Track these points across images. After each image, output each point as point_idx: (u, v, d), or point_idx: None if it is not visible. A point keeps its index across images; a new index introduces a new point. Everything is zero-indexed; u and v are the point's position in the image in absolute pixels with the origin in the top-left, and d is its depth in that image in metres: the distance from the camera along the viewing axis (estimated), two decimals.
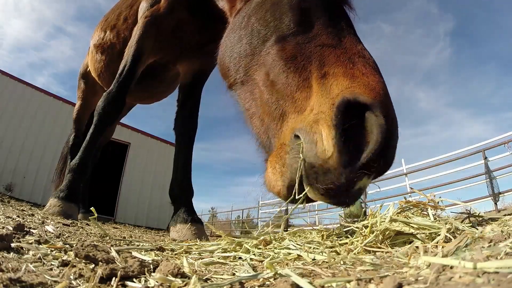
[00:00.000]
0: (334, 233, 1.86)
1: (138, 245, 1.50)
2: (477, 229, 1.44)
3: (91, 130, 3.07)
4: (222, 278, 0.84)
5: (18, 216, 1.88)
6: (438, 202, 1.72)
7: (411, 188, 11.04)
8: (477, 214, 1.80)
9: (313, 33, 1.54)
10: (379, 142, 1.07)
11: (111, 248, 1.05)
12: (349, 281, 0.67)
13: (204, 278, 0.83)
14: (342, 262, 1.00)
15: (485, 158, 9.68)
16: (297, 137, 1.26)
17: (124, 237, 2.01)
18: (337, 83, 1.28)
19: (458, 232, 1.32)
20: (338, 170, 1.11)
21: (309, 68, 1.42)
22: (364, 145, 1.10)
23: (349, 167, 1.09)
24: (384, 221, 1.44)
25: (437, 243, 1.19)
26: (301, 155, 1.20)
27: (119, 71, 3.09)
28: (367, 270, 0.86)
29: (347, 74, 1.29)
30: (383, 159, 1.13)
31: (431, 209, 1.66)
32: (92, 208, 1.83)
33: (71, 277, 0.71)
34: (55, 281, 0.67)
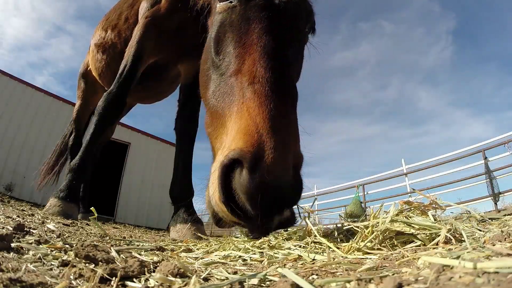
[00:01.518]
0: (334, 233, 1.86)
1: (138, 245, 1.50)
2: (477, 229, 1.44)
3: (91, 130, 3.07)
4: (222, 278, 0.84)
5: (18, 216, 1.88)
6: (438, 203, 1.72)
7: (412, 189, 11.04)
8: (477, 214, 1.80)
9: (227, 62, 1.56)
10: (245, 200, 1.13)
11: (111, 248, 1.05)
12: (349, 281, 0.67)
13: (204, 278, 0.83)
14: (342, 262, 1.00)
15: (485, 158, 9.68)
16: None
17: (124, 237, 2.01)
18: (230, 126, 1.33)
19: (458, 232, 1.32)
20: (229, 220, 1.25)
21: (222, 105, 1.47)
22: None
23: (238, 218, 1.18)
24: (385, 221, 1.44)
25: (437, 243, 1.19)
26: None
27: (119, 71, 3.09)
28: (367, 270, 0.86)
29: (238, 114, 1.31)
30: (268, 210, 1.15)
31: (431, 210, 1.66)
32: (92, 208, 1.83)
33: (71, 277, 0.71)
34: (55, 281, 0.67)
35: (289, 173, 1.18)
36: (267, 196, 1.12)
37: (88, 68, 5.07)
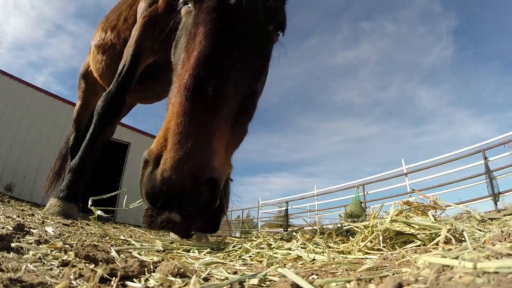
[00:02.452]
0: (334, 233, 1.85)
1: (138, 245, 1.50)
2: (477, 229, 1.44)
3: (90, 130, 3.07)
4: (222, 278, 0.84)
5: (18, 216, 1.88)
6: (438, 203, 1.72)
7: (412, 189, 11.04)
8: (477, 214, 1.80)
9: (176, 67, 1.58)
10: (146, 197, 1.24)
11: (111, 248, 1.05)
12: (349, 281, 0.66)
13: (204, 278, 0.83)
14: (342, 262, 1.00)
15: (485, 158, 9.67)
16: None
17: (124, 237, 2.01)
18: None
19: (458, 232, 1.32)
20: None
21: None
22: None
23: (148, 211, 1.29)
24: (385, 221, 1.44)
25: (437, 243, 1.19)
26: None
27: (118, 71, 3.09)
28: (367, 270, 0.86)
29: (164, 122, 1.34)
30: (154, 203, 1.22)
31: (431, 210, 1.66)
32: (92, 208, 1.82)
33: (71, 277, 0.71)
34: (55, 281, 0.67)
35: (184, 178, 1.19)
36: (156, 192, 1.20)
37: (89, 69, 5.07)
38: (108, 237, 1.68)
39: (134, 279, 0.74)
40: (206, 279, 0.83)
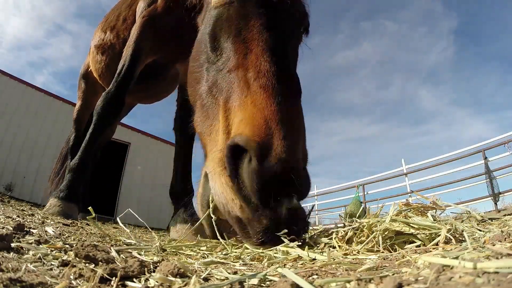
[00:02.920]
0: (334, 233, 1.85)
1: (138, 245, 1.50)
2: (477, 229, 1.44)
3: (90, 130, 3.07)
4: (222, 278, 0.84)
5: (18, 216, 1.88)
6: (438, 204, 1.72)
7: (411, 191, 11.03)
8: (477, 214, 1.80)
9: (225, 57, 1.55)
10: (257, 192, 1.09)
11: (111, 248, 1.05)
12: (349, 281, 0.67)
13: (204, 278, 0.83)
14: (342, 262, 1.00)
15: (485, 158, 9.68)
16: (206, 176, 1.36)
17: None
18: (231, 120, 1.31)
19: (458, 232, 1.32)
20: (252, 218, 1.17)
21: (219, 101, 1.46)
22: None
23: (259, 212, 1.14)
24: (384, 221, 1.44)
25: (437, 243, 1.19)
26: (211, 204, 1.33)
27: (117, 71, 3.09)
28: (367, 270, 0.86)
29: (241, 107, 1.28)
30: (276, 196, 1.12)
31: (430, 211, 1.66)
32: (90, 208, 1.82)
33: (71, 277, 0.71)
34: (55, 281, 0.67)
35: (300, 164, 1.16)
36: (276, 183, 1.09)
37: (89, 69, 5.08)
38: (108, 237, 1.68)
39: (134, 279, 0.75)
40: (206, 279, 0.83)
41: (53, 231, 1.37)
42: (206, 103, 1.55)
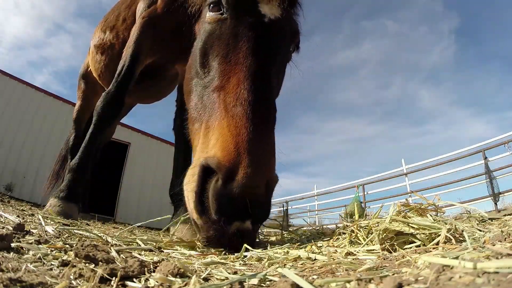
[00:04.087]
0: (334, 233, 1.85)
1: (138, 245, 1.50)
2: (477, 229, 1.44)
3: (90, 130, 3.07)
4: (222, 278, 0.84)
5: (18, 216, 1.88)
6: (438, 205, 1.71)
7: (411, 191, 11.03)
8: (477, 214, 1.80)
9: (211, 76, 1.60)
10: (215, 208, 1.25)
11: (111, 248, 1.05)
12: (349, 281, 0.66)
13: (204, 278, 0.83)
14: (342, 262, 1.00)
15: (485, 158, 9.67)
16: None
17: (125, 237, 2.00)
18: (210, 137, 1.42)
19: (458, 232, 1.32)
20: (203, 226, 1.35)
21: (203, 116, 1.56)
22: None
23: (209, 223, 1.30)
24: (384, 221, 1.44)
25: (437, 243, 1.19)
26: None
27: (117, 71, 3.09)
28: (367, 270, 0.86)
29: (218, 128, 1.39)
30: (230, 215, 1.27)
31: (429, 212, 1.65)
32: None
33: (71, 277, 0.71)
34: (55, 281, 0.67)
35: (260, 191, 1.28)
36: (233, 205, 1.24)
37: (89, 69, 5.08)
38: (107, 238, 1.68)
39: (134, 279, 0.75)
40: (206, 279, 0.83)
41: (53, 231, 1.37)
42: (193, 115, 1.66)
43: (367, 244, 1.35)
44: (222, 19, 1.66)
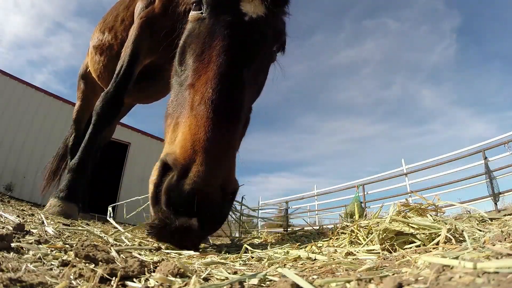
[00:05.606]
0: (334, 233, 1.85)
1: (138, 245, 1.50)
2: (477, 229, 1.44)
3: (90, 130, 3.07)
4: (222, 278, 0.84)
5: (18, 216, 1.88)
6: (438, 205, 1.72)
7: (411, 191, 11.03)
8: (477, 214, 1.80)
9: (186, 74, 1.61)
10: (164, 201, 1.28)
11: (111, 248, 1.05)
12: (349, 281, 0.66)
13: (204, 278, 0.83)
14: (342, 262, 1.00)
15: (485, 158, 9.67)
16: None
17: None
18: (176, 133, 1.44)
19: (458, 232, 1.32)
20: (152, 216, 1.38)
21: (174, 113, 1.57)
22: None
23: (158, 214, 1.32)
24: (384, 221, 1.44)
25: (437, 243, 1.19)
26: None
27: (116, 72, 3.10)
28: (367, 270, 0.86)
29: (182, 126, 1.42)
30: (176, 210, 1.28)
31: (429, 212, 1.65)
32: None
33: (71, 277, 0.71)
34: (55, 281, 0.67)
35: (211, 190, 1.29)
36: (182, 201, 1.26)
37: (88, 69, 5.08)
38: (106, 237, 1.68)
39: (134, 279, 0.74)
40: (206, 279, 0.83)
41: (53, 231, 1.37)
42: (168, 111, 1.68)
43: (367, 244, 1.35)
44: (202, 17, 1.66)
